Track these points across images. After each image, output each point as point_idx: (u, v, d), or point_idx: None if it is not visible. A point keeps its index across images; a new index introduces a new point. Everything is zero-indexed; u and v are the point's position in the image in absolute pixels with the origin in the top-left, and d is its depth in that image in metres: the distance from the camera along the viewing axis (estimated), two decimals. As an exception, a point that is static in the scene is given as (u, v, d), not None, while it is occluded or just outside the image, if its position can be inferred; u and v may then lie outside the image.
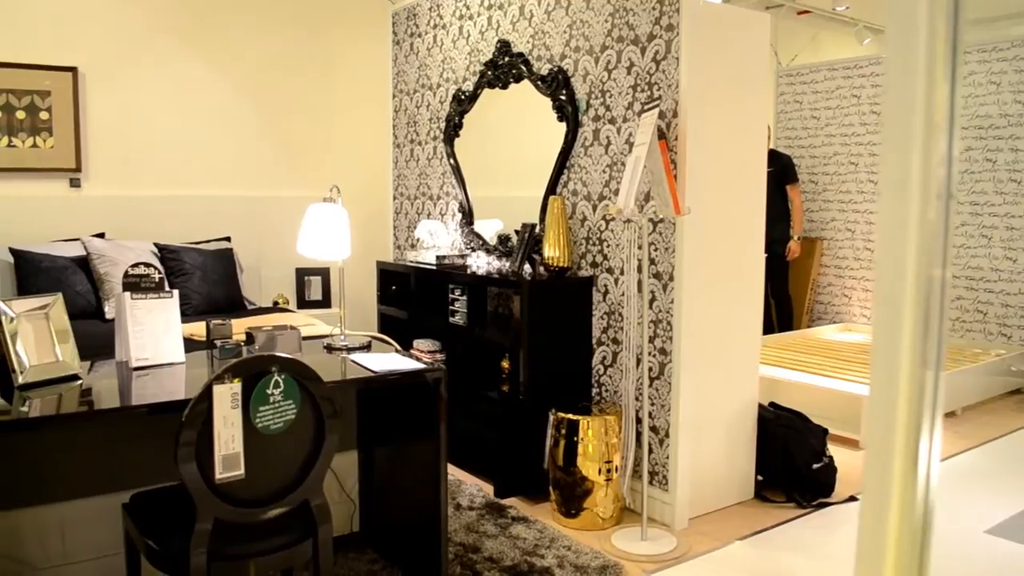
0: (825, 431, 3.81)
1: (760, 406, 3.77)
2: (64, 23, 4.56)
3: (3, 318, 2.33)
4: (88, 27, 4.62)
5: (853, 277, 6.74)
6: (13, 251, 4.10)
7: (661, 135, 3.25)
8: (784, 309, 6.44)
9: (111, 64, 4.70)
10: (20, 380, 2.31)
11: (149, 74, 4.83)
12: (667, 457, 3.45)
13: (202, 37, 4.97)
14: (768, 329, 6.34)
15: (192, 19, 4.93)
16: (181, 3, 4.90)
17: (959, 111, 0.70)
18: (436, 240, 4.76)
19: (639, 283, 3.42)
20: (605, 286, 3.73)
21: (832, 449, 3.88)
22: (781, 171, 6.05)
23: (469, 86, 4.70)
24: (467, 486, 3.83)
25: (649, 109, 3.21)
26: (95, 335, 3.41)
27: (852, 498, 3.70)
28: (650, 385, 3.50)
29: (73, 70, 4.57)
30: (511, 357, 3.76)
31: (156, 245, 4.47)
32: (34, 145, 4.51)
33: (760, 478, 3.77)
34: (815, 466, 3.70)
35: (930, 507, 0.70)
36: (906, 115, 0.68)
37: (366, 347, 2.95)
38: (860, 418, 4.45)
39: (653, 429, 3.51)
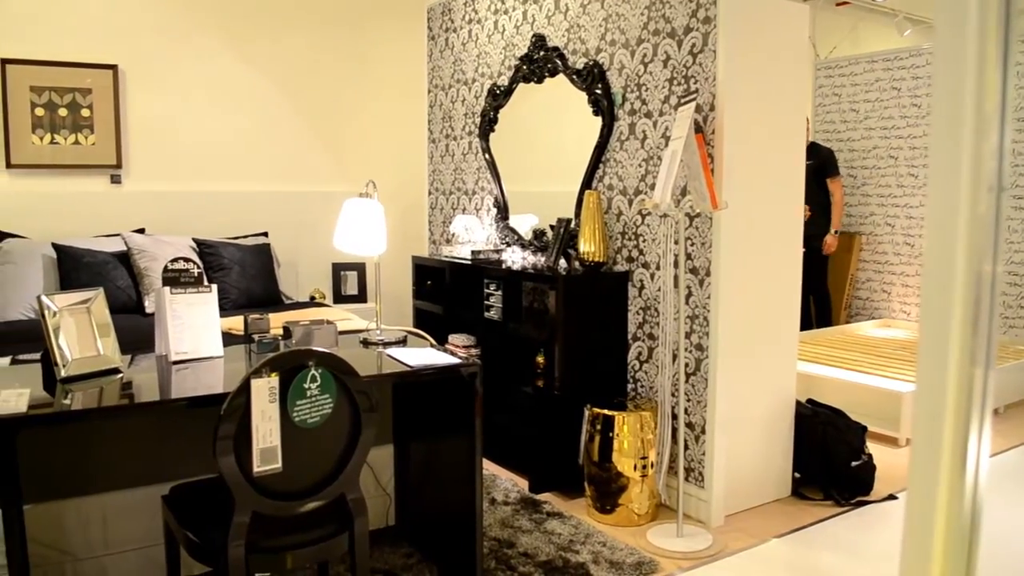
0: (864, 428, 3.76)
1: (798, 403, 3.73)
2: (105, 22, 4.62)
3: (46, 312, 2.37)
4: (128, 25, 4.69)
5: (892, 272, 6.64)
6: (56, 246, 4.17)
7: (698, 129, 3.21)
8: (823, 305, 6.36)
9: (151, 62, 4.76)
10: (63, 373, 2.35)
11: (188, 71, 4.88)
12: (703, 453, 3.43)
13: (240, 34, 5.02)
14: (807, 325, 6.27)
15: (230, 16, 4.98)
16: (219, 1, 4.94)
17: (1011, 102, 0.68)
18: (471, 235, 4.76)
19: (675, 278, 3.39)
20: (641, 281, 3.70)
21: (871, 447, 3.83)
22: (821, 164, 5.97)
23: (504, 81, 4.69)
24: (502, 481, 3.84)
25: (686, 103, 3.18)
26: (135, 329, 3.46)
27: (891, 496, 3.64)
28: (686, 381, 3.48)
29: (114, 68, 4.63)
30: (546, 352, 3.75)
31: (195, 240, 4.53)
32: (76, 142, 4.58)
33: (797, 475, 3.73)
34: (854, 464, 3.65)
35: (979, 507, 0.68)
36: (956, 106, 0.66)
37: (402, 342, 2.96)
38: (900, 415, 4.38)
39: (689, 425, 3.48)
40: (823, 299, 6.36)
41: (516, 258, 4.28)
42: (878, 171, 6.68)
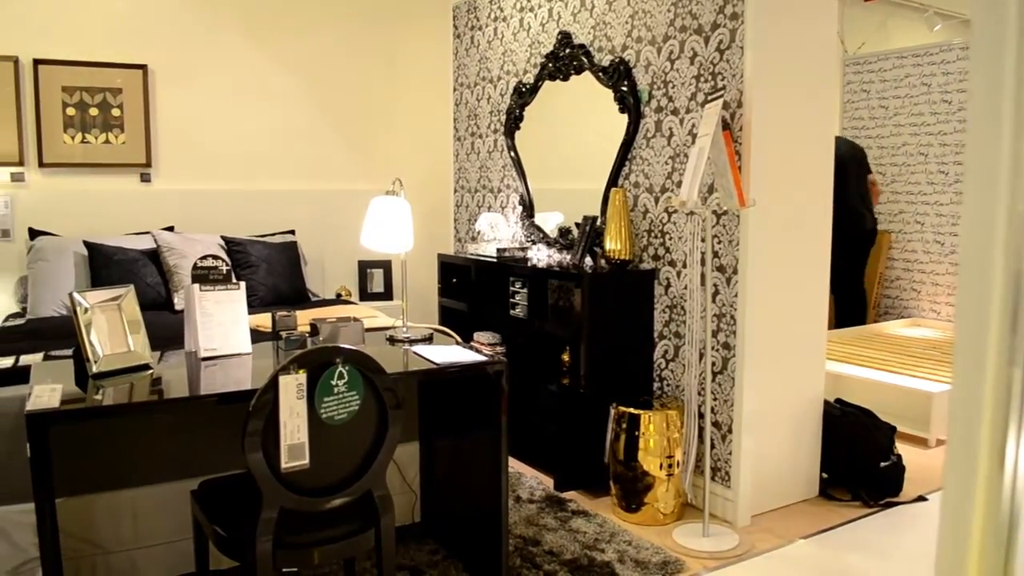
0: (893, 429, 3.72)
1: (826, 402, 3.69)
2: (135, 22, 4.67)
3: (78, 309, 2.40)
4: (158, 26, 4.73)
5: (922, 271, 6.56)
6: (87, 244, 4.22)
7: (725, 126, 3.19)
8: (862, 303, 6.31)
9: (180, 62, 4.81)
10: (94, 369, 2.38)
11: (216, 71, 4.92)
12: (730, 453, 3.41)
13: (267, 34, 5.05)
14: (846, 324, 6.23)
15: (257, 16, 5.01)
16: (247, 1, 4.98)
17: (1050, 97, 0.67)
18: (497, 233, 4.76)
19: (702, 276, 3.37)
20: (667, 279, 3.69)
21: (900, 447, 3.79)
22: (862, 160, 5.97)
23: (530, 78, 4.69)
24: (527, 479, 3.83)
25: (713, 99, 3.16)
26: (165, 326, 3.49)
27: (921, 498, 3.60)
28: (713, 380, 3.46)
29: (144, 68, 4.68)
30: (572, 350, 3.74)
31: (223, 238, 4.56)
32: (107, 141, 4.64)
33: (825, 476, 3.70)
34: (882, 464, 3.61)
35: (1017, 508, 0.67)
36: (994, 101, 0.65)
37: (428, 339, 2.97)
38: (930, 416, 4.33)
39: (715, 424, 3.47)
40: (863, 297, 6.31)
41: (542, 256, 4.28)
42: (908, 168, 6.60)
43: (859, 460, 3.61)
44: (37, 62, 4.43)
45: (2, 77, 4.36)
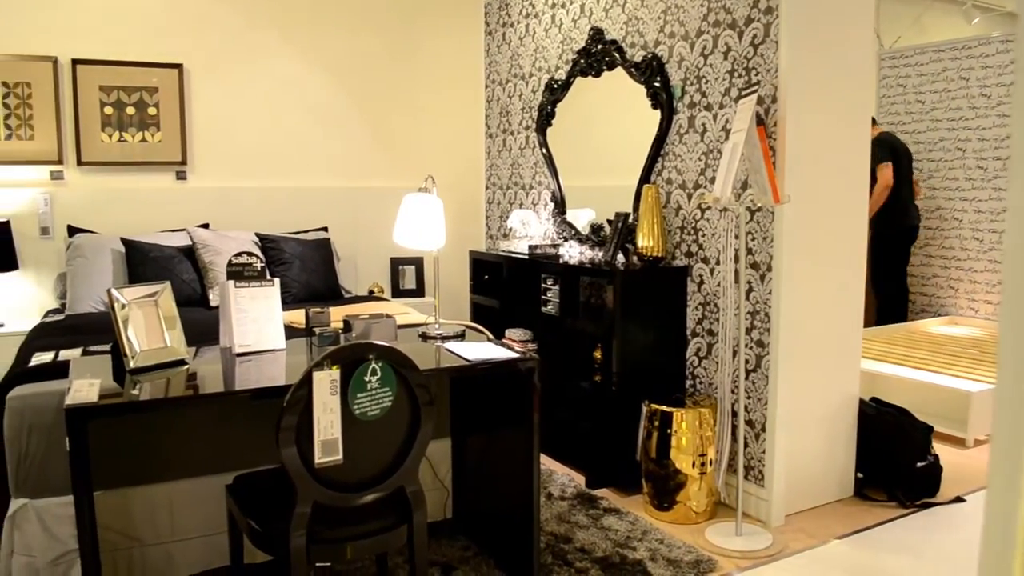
0: (930, 428, 3.66)
1: (861, 401, 3.65)
2: (170, 22, 4.73)
3: (116, 305, 2.44)
4: (192, 25, 4.78)
5: (960, 268, 6.46)
6: (124, 241, 4.28)
7: (759, 121, 3.16)
8: (904, 300, 6.24)
9: (214, 61, 4.86)
10: (131, 364, 2.41)
11: (250, 70, 4.97)
12: (763, 452, 3.38)
13: (300, 32, 5.09)
14: (888, 321, 6.16)
15: (290, 15, 5.05)
16: (280, 0, 5.02)
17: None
18: (528, 230, 4.76)
19: (736, 273, 3.34)
20: (700, 276, 3.66)
21: (937, 447, 3.73)
22: (911, 156, 5.94)
23: (561, 75, 4.68)
24: (558, 476, 3.83)
25: (747, 95, 3.13)
26: (200, 322, 3.53)
27: (958, 499, 3.55)
28: (746, 378, 3.43)
29: (179, 67, 4.74)
30: (603, 347, 3.73)
31: (257, 235, 4.61)
32: (143, 140, 4.69)
33: (860, 475, 3.65)
34: (919, 465, 3.56)
35: (1064, 510, 0.66)
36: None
37: (460, 336, 2.97)
38: (967, 416, 4.26)
39: (749, 423, 3.44)
40: (902, 294, 6.23)
41: (573, 253, 4.27)
42: (945, 164, 6.50)
43: (895, 460, 3.57)
44: (75, 62, 4.49)
45: (41, 77, 4.43)
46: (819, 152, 3.33)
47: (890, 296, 6.21)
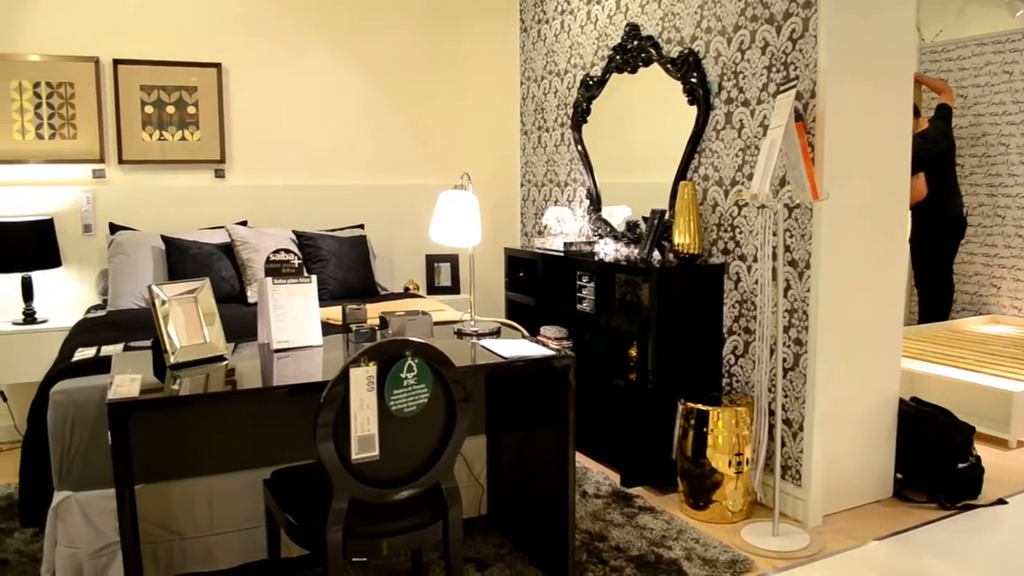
0: (972, 429, 3.60)
1: (901, 401, 3.60)
2: (209, 22, 4.78)
3: (157, 301, 2.47)
4: (231, 25, 4.83)
5: (1003, 266, 6.33)
6: (164, 238, 4.34)
7: (798, 117, 3.13)
8: (949, 296, 6.13)
9: (252, 60, 4.90)
10: (171, 360, 2.45)
11: (287, 68, 5.01)
12: (800, 451, 3.34)
13: (337, 31, 5.12)
14: (932, 318, 6.06)
15: (327, 13, 5.08)
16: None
17: None
18: (563, 227, 4.75)
19: (773, 271, 3.31)
20: (737, 274, 3.63)
21: (979, 448, 3.67)
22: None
23: (597, 71, 4.66)
24: (593, 474, 3.82)
25: (785, 90, 3.09)
26: (238, 318, 3.57)
27: (1001, 501, 3.48)
28: (784, 376, 3.39)
29: (218, 66, 4.79)
30: (639, 345, 3.72)
31: (295, 232, 4.64)
32: (183, 138, 4.75)
33: (900, 476, 3.60)
34: (960, 466, 3.50)
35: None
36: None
37: (495, 333, 2.98)
38: (1010, 416, 4.18)
39: (786, 422, 3.40)
40: (947, 289, 6.12)
41: (609, 250, 4.25)
42: (988, 160, 6.38)
43: (936, 461, 3.51)
44: (117, 62, 4.56)
45: (84, 77, 4.50)
46: (859, 148, 3.28)
47: (934, 292, 6.10)
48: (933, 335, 5.58)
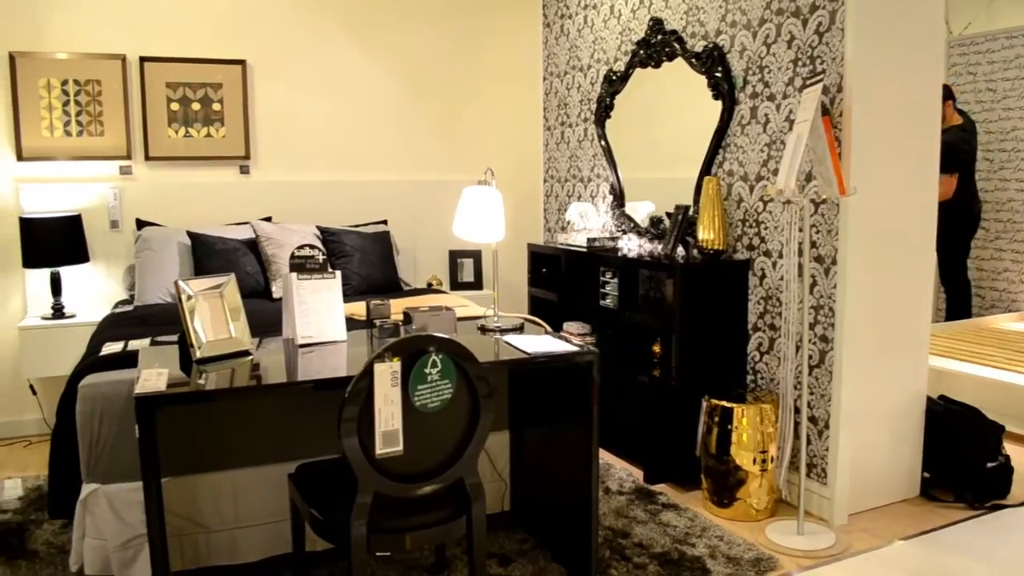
0: (1001, 428, 3.55)
1: (929, 399, 3.56)
2: (234, 19, 4.81)
3: (183, 296, 2.49)
4: (255, 22, 4.86)
5: (1033, 262, 6.25)
6: (190, 234, 4.37)
7: (824, 111, 3.10)
8: (969, 294, 6.07)
9: (276, 57, 4.93)
10: (198, 355, 2.47)
11: (311, 65, 5.03)
12: (826, 449, 3.32)
13: (359, 27, 5.13)
14: (959, 316, 6.00)
15: (350, 10, 5.09)
16: (341, -6, 5.07)
17: None
18: (587, 222, 4.74)
19: (799, 267, 3.28)
20: (762, 270, 3.61)
21: (1008, 447, 3.62)
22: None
23: (620, 66, 4.64)
24: (616, 470, 3.81)
25: (812, 84, 3.06)
26: (263, 313, 3.59)
27: (1032, 500, 3.44)
28: (809, 373, 3.37)
29: (242, 63, 4.81)
30: (663, 341, 3.70)
31: (318, 228, 4.66)
32: (208, 135, 4.79)
33: (927, 475, 3.56)
34: (989, 465, 3.46)
35: None
36: None
37: (518, 329, 2.97)
38: (1042, 414, 4.13)
39: (812, 419, 3.38)
40: (966, 286, 6.06)
41: (632, 246, 4.24)
42: (1018, 154, 6.29)
43: (964, 460, 3.47)
44: (143, 60, 4.60)
45: (111, 75, 4.54)
46: (887, 143, 3.25)
47: (957, 290, 6.04)
48: (960, 332, 5.51)
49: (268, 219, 4.80)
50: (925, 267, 3.44)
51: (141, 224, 4.55)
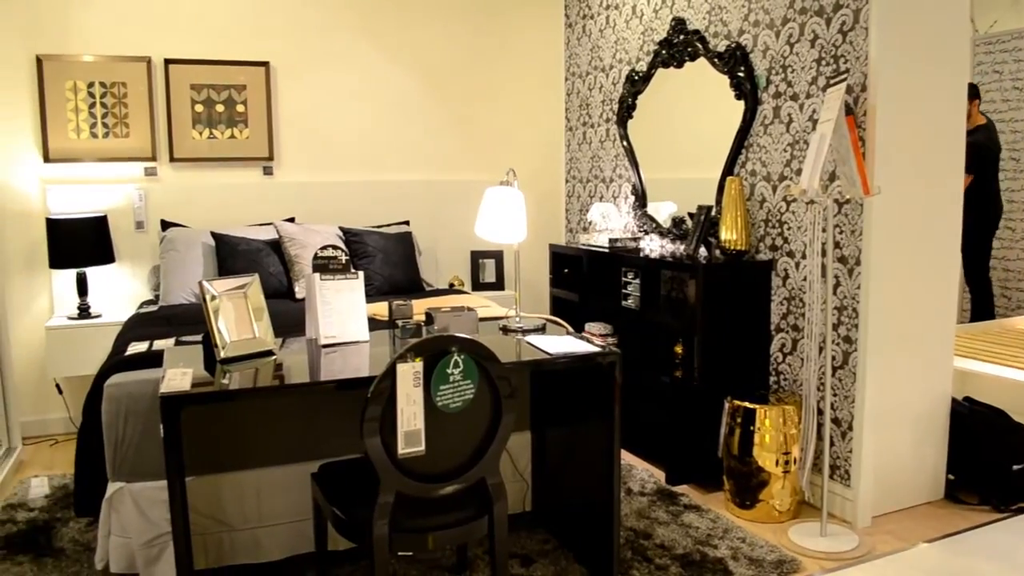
0: (1028, 429, 3.52)
1: (954, 401, 3.52)
2: (257, 21, 4.84)
3: (207, 296, 2.51)
4: (278, 24, 4.89)
5: (1061, 263, 6.17)
6: (214, 235, 4.40)
7: (848, 111, 3.07)
8: (990, 294, 6.01)
9: (299, 58, 4.96)
10: (222, 354, 2.49)
11: (334, 66, 5.05)
12: (850, 451, 3.29)
13: (382, 28, 5.15)
14: (983, 317, 5.94)
15: (373, 11, 5.11)
16: (363, -5, 5.10)
17: None
18: (608, 223, 4.73)
19: (822, 267, 3.26)
20: (785, 270, 3.59)
21: (1037, 449, 3.58)
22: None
23: (643, 66, 4.63)
24: (638, 471, 3.80)
25: (835, 83, 3.04)
26: (286, 313, 3.61)
27: (1060, 503, 3.40)
28: (833, 375, 3.34)
29: (265, 64, 4.85)
30: (685, 342, 3.69)
31: (341, 228, 4.69)
32: (232, 136, 4.82)
33: (951, 477, 3.53)
34: (1015, 467, 3.42)
35: None
36: None
37: (540, 329, 2.98)
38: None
39: (835, 421, 3.35)
40: (985, 287, 6.00)
41: (654, 246, 4.23)
42: (1047, 154, 6.21)
43: (989, 462, 3.43)
44: (168, 62, 4.64)
45: (136, 77, 4.59)
46: (911, 142, 3.22)
47: (983, 289, 5.98)
48: (985, 333, 5.45)
49: (291, 220, 4.83)
50: (950, 267, 3.41)
51: (166, 225, 4.60)
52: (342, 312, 2.76)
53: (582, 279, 4.56)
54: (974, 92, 5.32)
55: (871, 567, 2.90)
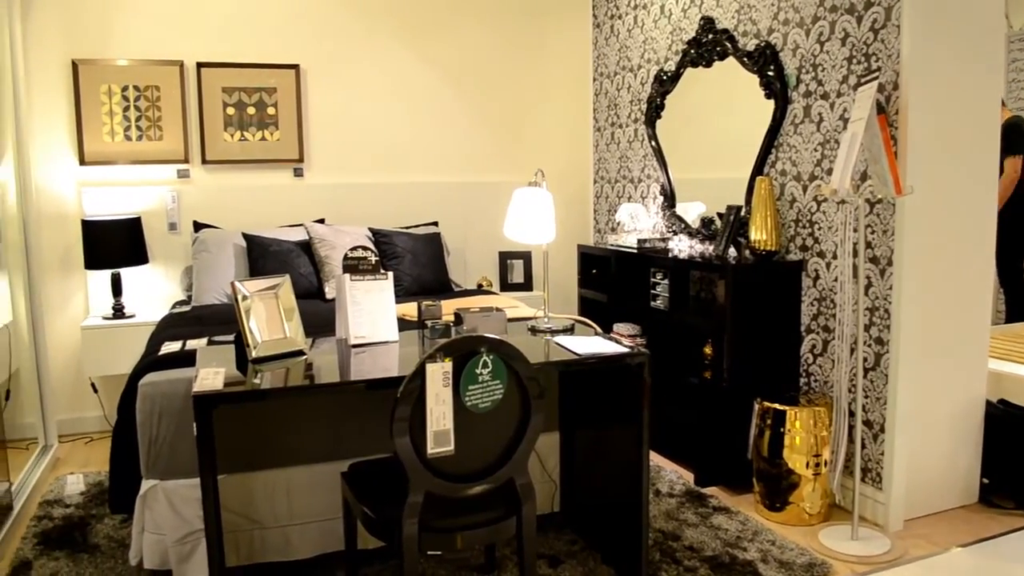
0: (1065, 432, 3.46)
1: (988, 403, 3.48)
2: (287, 25, 4.89)
3: (239, 297, 2.54)
4: (308, 27, 4.93)
5: (1100, 263, 6.05)
6: (246, 236, 4.45)
7: (880, 109, 3.04)
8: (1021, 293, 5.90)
9: (329, 60, 5.00)
10: (253, 354, 2.51)
11: (363, 68, 5.09)
12: (881, 453, 3.26)
13: (410, 30, 5.18)
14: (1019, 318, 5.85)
15: (401, 14, 5.14)
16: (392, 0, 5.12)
17: None
18: (637, 223, 4.72)
19: (854, 268, 3.23)
20: (816, 271, 3.56)
21: (1074, 452, 3.52)
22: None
23: (671, 66, 4.61)
24: (666, 472, 3.79)
25: (867, 82, 3.02)
26: (316, 314, 3.64)
27: (1098, 507, 3.34)
28: (864, 376, 3.31)
29: (296, 67, 4.89)
30: (714, 343, 3.67)
31: (371, 230, 4.72)
32: (263, 138, 4.87)
33: (986, 481, 3.48)
34: (1053, 470, 3.37)
35: None
36: None
37: (569, 330, 2.98)
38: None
39: (867, 423, 3.32)
40: (1020, 288, 5.90)
41: (683, 247, 4.22)
42: (1083, 152, 6.10)
43: (1026, 465, 3.39)
44: (200, 65, 4.70)
45: (169, 80, 4.65)
46: (944, 141, 3.18)
47: (1015, 291, 5.88)
48: (1020, 334, 5.37)
49: (321, 221, 4.87)
50: (984, 267, 3.36)
51: (198, 226, 4.65)
52: (372, 312, 2.77)
53: (610, 280, 4.55)
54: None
55: (903, 571, 2.87)
